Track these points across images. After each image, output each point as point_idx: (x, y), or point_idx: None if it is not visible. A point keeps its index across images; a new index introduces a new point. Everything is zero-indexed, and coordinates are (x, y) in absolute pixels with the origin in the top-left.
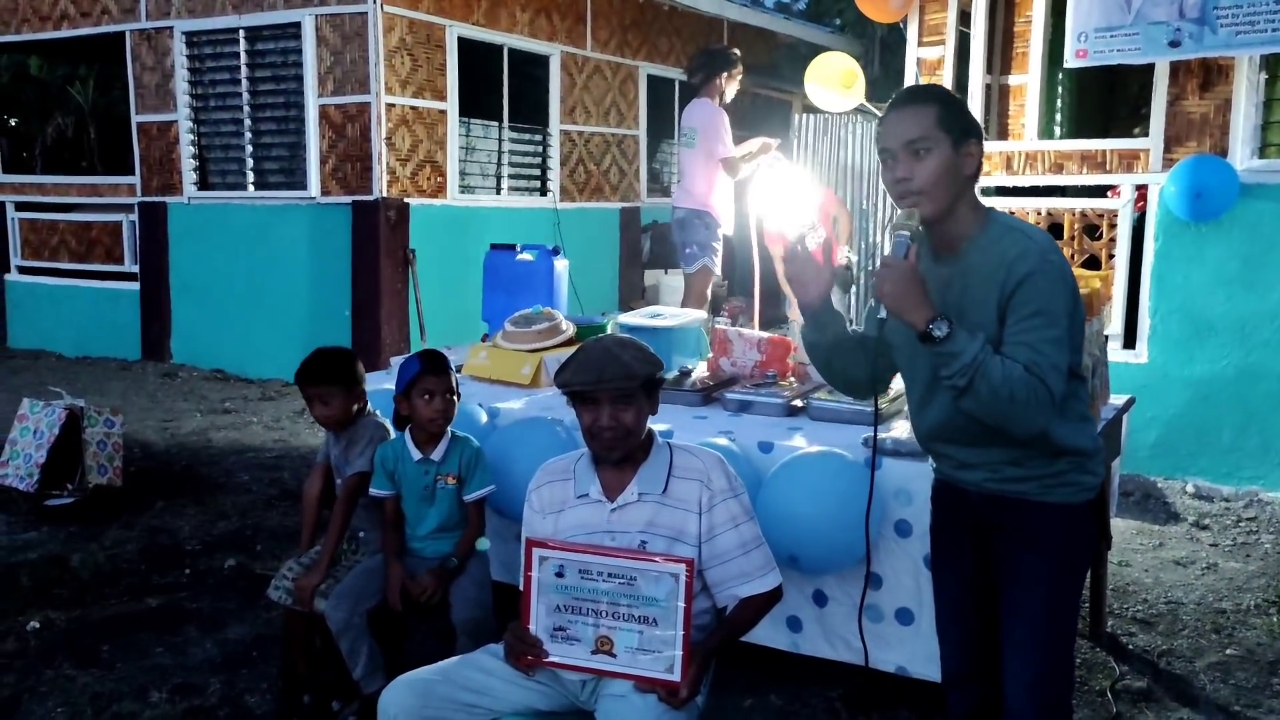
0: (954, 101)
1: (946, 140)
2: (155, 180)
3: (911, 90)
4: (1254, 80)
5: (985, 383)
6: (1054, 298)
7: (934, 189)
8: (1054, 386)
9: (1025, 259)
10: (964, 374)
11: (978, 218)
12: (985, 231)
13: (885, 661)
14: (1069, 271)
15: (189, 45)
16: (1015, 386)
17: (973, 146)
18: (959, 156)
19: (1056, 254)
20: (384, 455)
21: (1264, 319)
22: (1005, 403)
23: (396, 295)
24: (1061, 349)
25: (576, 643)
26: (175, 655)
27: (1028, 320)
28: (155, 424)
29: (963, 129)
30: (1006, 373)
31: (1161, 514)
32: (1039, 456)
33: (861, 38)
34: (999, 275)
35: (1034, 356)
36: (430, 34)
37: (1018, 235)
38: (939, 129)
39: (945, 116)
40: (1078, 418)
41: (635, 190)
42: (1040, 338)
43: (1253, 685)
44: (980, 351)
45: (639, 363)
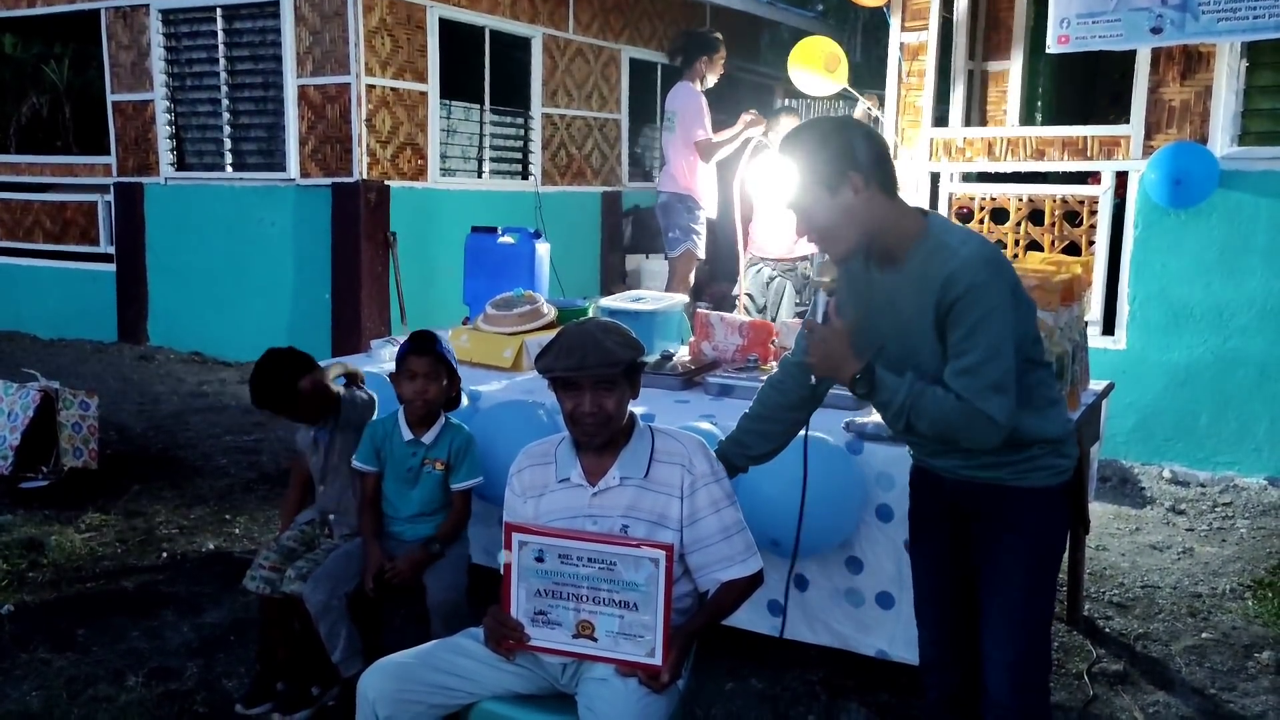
0: (818, 144)
1: (821, 189)
2: (131, 160)
3: (783, 144)
4: (1235, 67)
5: (922, 420)
6: (986, 316)
7: (833, 234)
8: (993, 409)
9: (954, 282)
10: (899, 417)
11: (912, 228)
12: (922, 243)
13: (866, 645)
14: (1007, 276)
15: (165, 24)
16: (952, 419)
17: (851, 179)
18: (840, 198)
19: (988, 266)
20: (374, 430)
21: (1241, 306)
22: (947, 432)
23: (377, 278)
24: (998, 365)
25: (558, 627)
26: (151, 639)
27: (963, 342)
28: (132, 406)
29: (836, 170)
30: (941, 408)
31: (1138, 499)
32: (1011, 446)
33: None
34: (932, 294)
35: (968, 382)
36: (411, 15)
37: (946, 254)
38: (810, 182)
39: (812, 168)
40: (1045, 404)
41: (617, 174)
42: (975, 359)
43: (1228, 668)
44: (908, 395)
45: (621, 348)
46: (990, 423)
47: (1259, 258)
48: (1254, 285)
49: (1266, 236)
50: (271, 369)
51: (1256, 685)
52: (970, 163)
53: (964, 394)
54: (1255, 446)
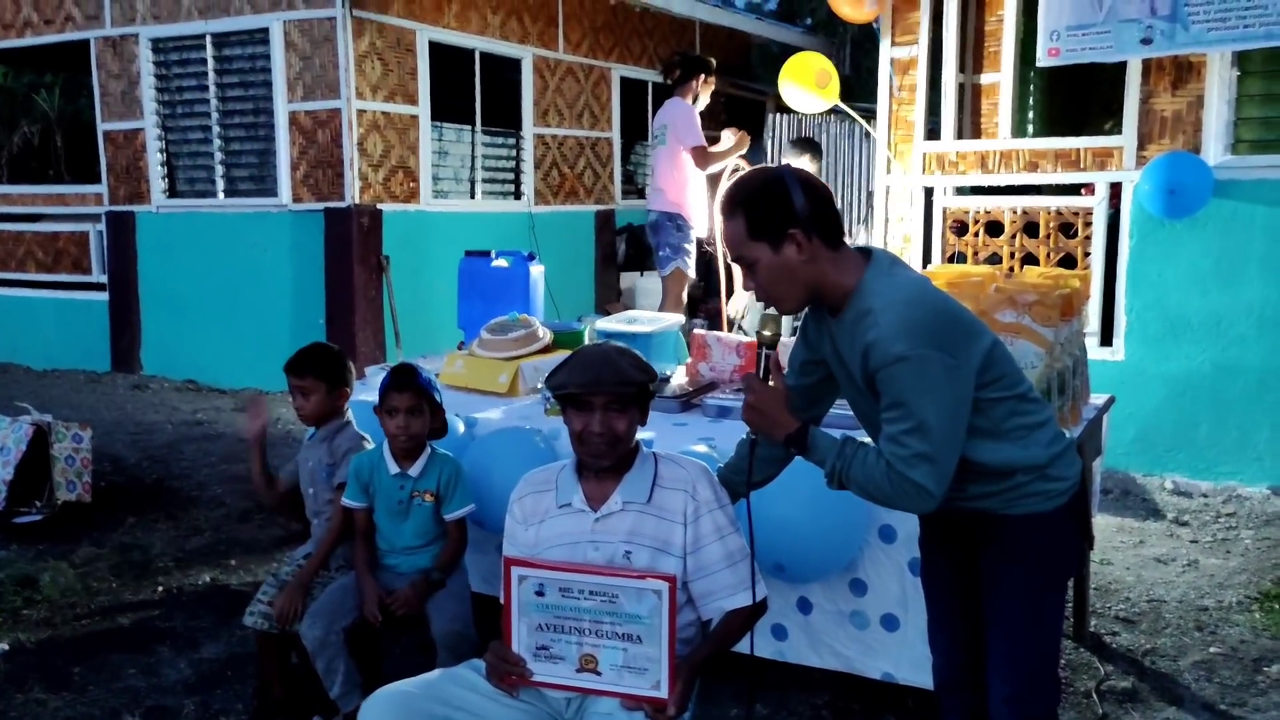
0: (757, 201)
1: (764, 247)
2: (123, 189)
3: (724, 200)
4: (1226, 77)
5: (853, 484)
6: (906, 389)
7: (778, 292)
8: (919, 477)
9: (873, 351)
10: (832, 478)
11: (849, 282)
12: (855, 301)
13: (871, 668)
14: (928, 338)
15: (155, 52)
16: (880, 485)
17: (794, 237)
18: (783, 255)
19: (904, 338)
20: (359, 466)
21: (1239, 315)
22: (878, 497)
23: (371, 303)
24: (924, 436)
25: (560, 661)
26: (148, 676)
27: (889, 410)
28: (125, 437)
29: (776, 226)
30: (869, 474)
31: (1141, 510)
32: (992, 476)
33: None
34: (858, 359)
35: (895, 450)
36: (400, 38)
37: (868, 321)
38: (752, 240)
39: (753, 226)
40: (1023, 432)
41: (610, 193)
42: (899, 430)
43: (1237, 683)
44: (837, 460)
45: (635, 370)
46: (920, 491)
47: (1255, 266)
48: (1251, 294)
49: (1262, 245)
50: (323, 345)
51: (1267, 700)
52: (964, 176)
53: (893, 462)
54: (1256, 456)
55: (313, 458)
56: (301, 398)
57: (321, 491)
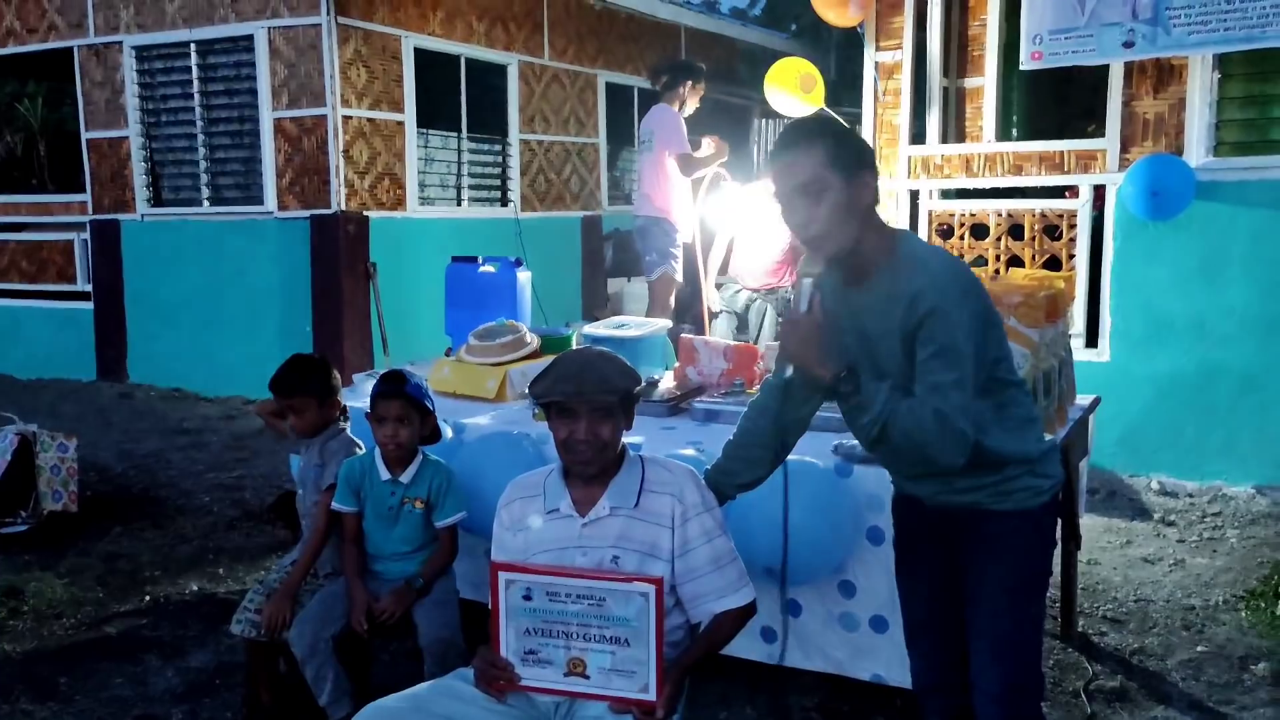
0: (842, 134)
1: (839, 178)
2: (107, 198)
3: (798, 128)
4: (1207, 79)
5: (897, 430)
6: (954, 335)
7: (834, 229)
8: (966, 427)
9: (924, 296)
10: (874, 424)
11: (885, 244)
12: (891, 260)
13: (861, 669)
14: (975, 295)
15: (139, 60)
16: (926, 431)
17: (866, 177)
18: (853, 191)
19: (957, 284)
20: (350, 470)
21: (1222, 315)
22: (919, 446)
23: (358, 310)
24: (964, 389)
25: (548, 665)
26: (136, 686)
27: (932, 360)
28: (112, 446)
29: (855, 162)
30: (917, 418)
31: (1128, 511)
32: (985, 467)
33: (817, 42)
34: (901, 310)
35: (941, 400)
36: (386, 45)
37: (918, 268)
38: (829, 169)
39: (834, 154)
40: (1019, 423)
41: (596, 199)
42: (943, 380)
43: (1224, 681)
44: (888, 402)
45: (619, 376)
46: (962, 438)
47: (1238, 267)
48: (1234, 295)
49: (1244, 246)
50: (306, 357)
51: (1254, 698)
52: (949, 179)
53: (941, 408)
54: (1241, 456)
55: (305, 458)
56: (295, 416)
57: (310, 492)
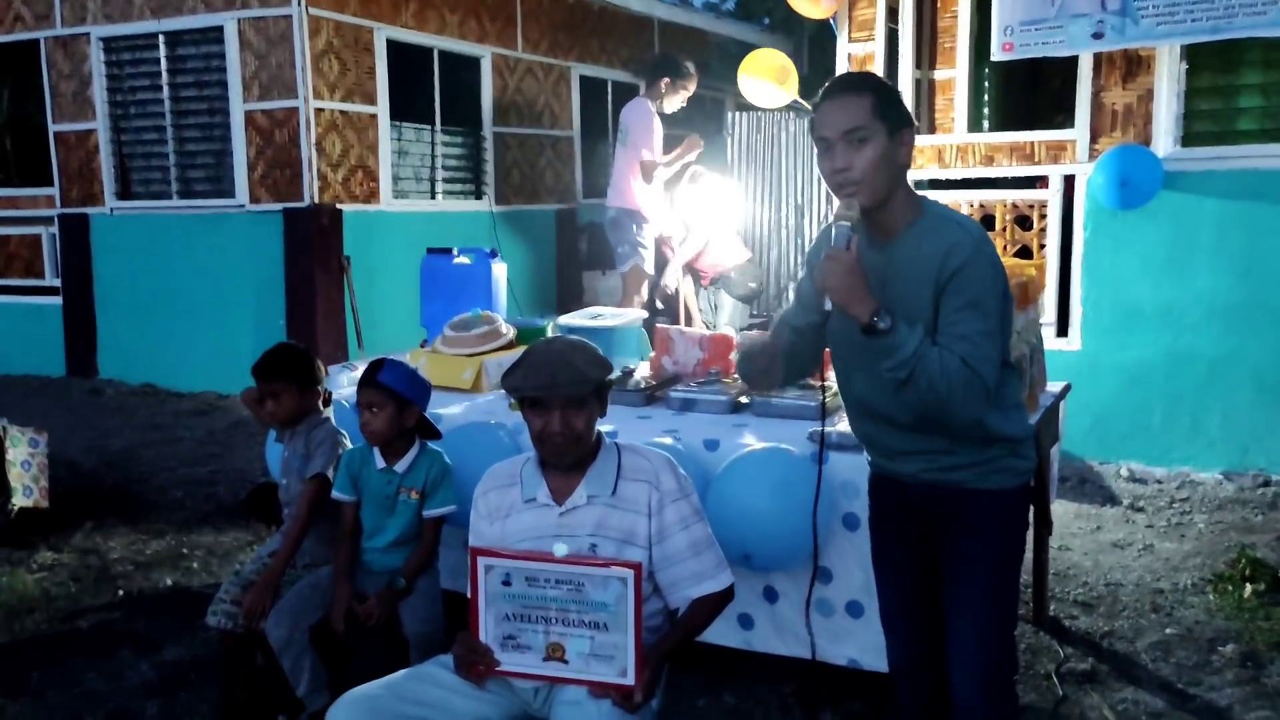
0: (889, 90)
1: (883, 129)
2: (75, 191)
3: (847, 78)
4: (1175, 70)
5: (925, 375)
6: (987, 290)
7: (872, 178)
8: (989, 378)
9: (959, 250)
10: (904, 366)
11: (912, 205)
12: (920, 219)
13: (837, 655)
14: (1000, 263)
15: (107, 51)
16: (953, 378)
17: (906, 135)
18: (895, 145)
19: (989, 245)
20: (350, 458)
21: (1190, 304)
22: (944, 393)
23: (332, 303)
24: (994, 342)
25: (528, 650)
26: (109, 680)
27: (962, 312)
28: (82, 442)
29: (898, 118)
30: (944, 365)
31: (1098, 497)
32: (973, 444)
33: (791, 35)
34: (934, 265)
35: (969, 349)
36: (358, 37)
37: (952, 225)
38: (876, 118)
39: (881, 105)
40: (1011, 405)
41: (571, 191)
42: (974, 330)
43: (1193, 663)
44: (920, 345)
45: (590, 366)
46: (984, 390)
47: (1205, 256)
48: (1201, 283)
49: (1211, 235)
50: (289, 345)
51: (1222, 678)
52: (921, 170)
53: (968, 358)
54: (1209, 442)
55: (289, 449)
56: (273, 401)
57: (294, 483)
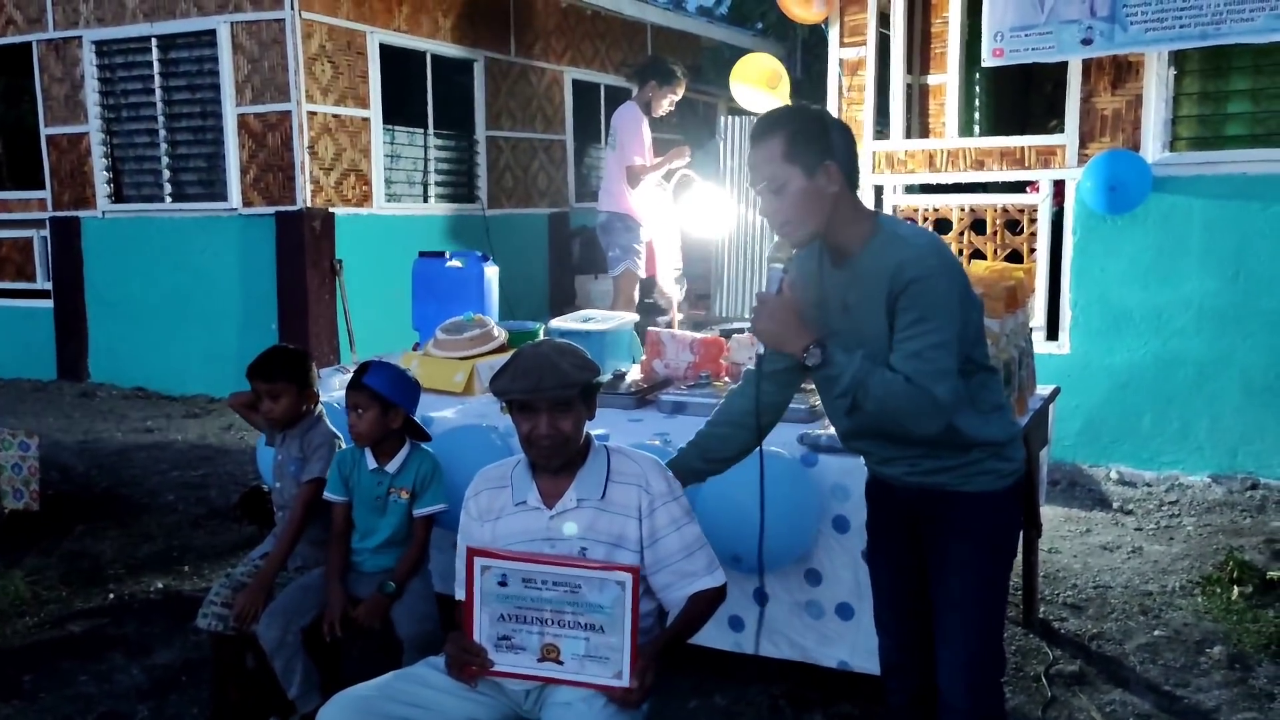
0: (800, 129)
1: (797, 171)
2: (67, 194)
3: (760, 124)
4: (1163, 76)
5: (869, 399)
6: (935, 303)
7: (799, 219)
8: (939, 392)
9: (906, 267)
10: (846, 394)
11: (864, 225)
12: (873, 238)
13: (827, 657)
14: (956, 270)
15: (99, 55)
16: (899, 399)
17: (828, 168)
18: (815, 182)
19: (938, 257)
20: (342, 459)
21: (1179, 308)
22: (892, 414)
23: (324, 307)
24: (946, 352)
25: (522, 651)
26: (101, 683)
27: (911, 327)
28: (73, 445)
29: (815, 153)
30: (888, 387)
31: (1088, 500)
32: (952, 449)
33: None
34: (884, 282)
35: (917, 365)
36: (351, 41)
37: (900, 243)
38: (787, 163)
39: (791, 148)
40: (990, 408)
41: (563, 195)
42: (923, 344)
43: (1181, 665)
44: (857, 372)
45: (577, 369)
46: (935, 405)
47: (1193, 260)
48: (1189, 287)
49: (1199, 239)
50: (285, 346)
51: (1209, 680)
52: (912, 175)
53: (913, 377)
54: (1197, 445)
55: (282, 451)
56: (271, 401)
57: (288, 486)
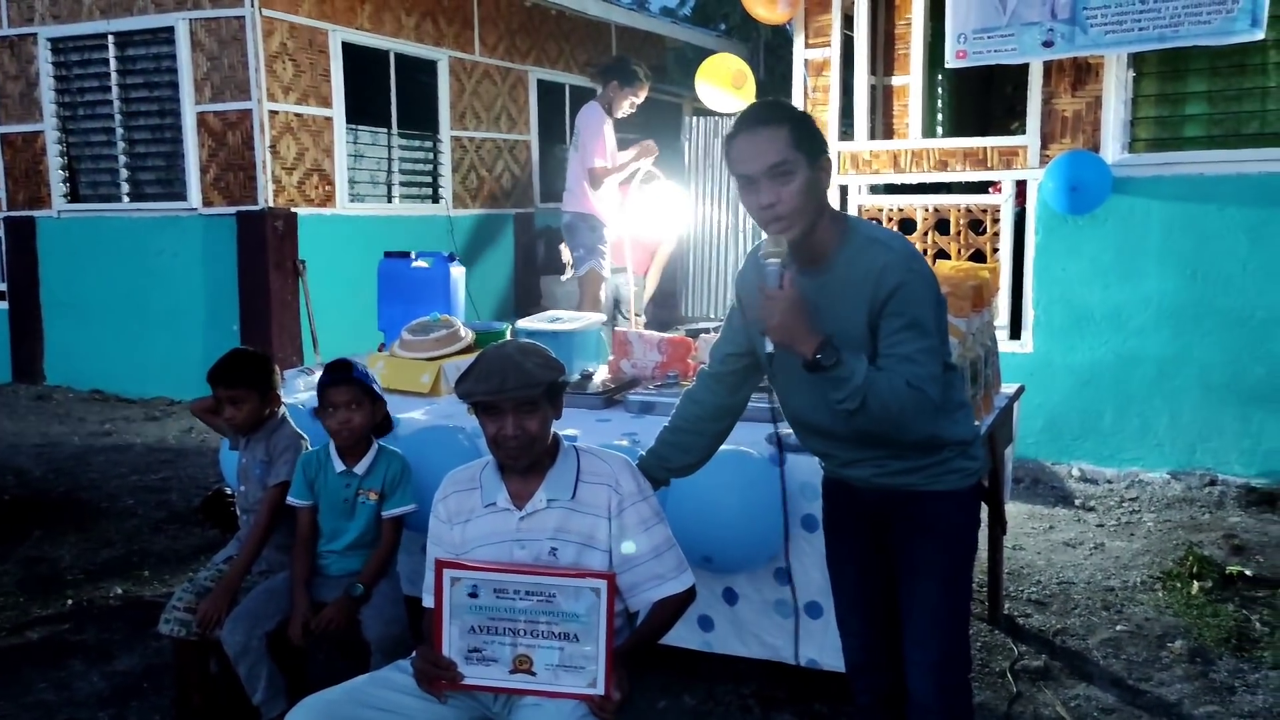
0: (804, 119)
1: (804, 159)
2: (21, 194)
3: (762, 109)
4: (1122, 78)
5: (876, 400)
6: (923, 308)
7: (800, 210)
8: (934, 395)
9: (891, 271)
10: (855, 396)
11: (839, 228)
12: (848, 242)
13: (796, 655)
14: (931, 275)
15: (54, 52)
16: (903, 401)
17: (824, 162)
18: (816, 174)
19: (918, 261)
20: (307, 462)
21: (1138, 307)
22: (895, 415)
23: (287, 307)
24: (935, 358)
25: (493, 663)
26: (60, 690)
27: (902, 333)
28: (30, 449)
29: (815, 146)
30: (892, 388)
31: (1051, 497)
32: (921, 449)
33: (747, 41)
34: (867, 288)
35: (913, 370)
36: (313, 39)
37: (880, 247)
38: (796, 150)
39: (799, 136)
40: (955, 407)
41: (529, 196)
42: (916, 349)
43: (1143, 659)
44: (868, 372)
45: (541, 369)
46: (931, 407)
47: (1152, 260)
48: (1149, 286)
49: (1158, 239)
50: (245, 350)
51: (1171, 674)
52: (877, 175)
53: (911, 380)
54: (1157, 442)
55: (246, 455)
56: (233, 407)
57: (253, 489)
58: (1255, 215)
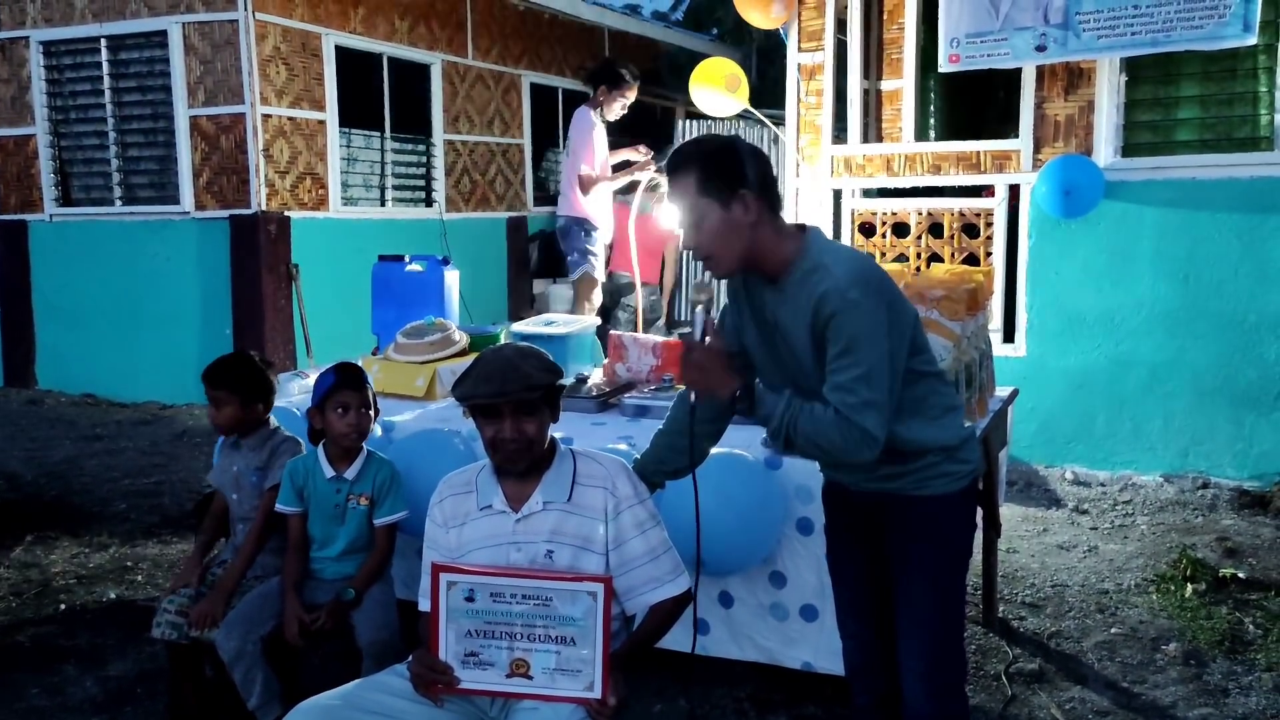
0: (714, 156)
1: (713, 204)
2: (13, 198)
3: (673, 157)
4: (1115, 82)
5: (799, 436)
6: (857, 334)
7: (720, 251)
8: (869, 424)
9: (827, 301)
10: (778, 434)
11: (791, 248)
12: (798, 264)
13: (791, 658)
14: (880, 293)
15: (47, 55)
16: (829, 434)
17: (744, 198)
18: (731, 213)
19: (859, 287)
20: (294, 469)
21: (1131, 310)
22: (824, 448)
23: (280, 311)
24: (871, 383)
25: (490, 667)
26: (53, 696)
27: (838, 361)
28: (21, 453)
29: (727, 184)
30: (816, 424)
31: (1044, 500)
32: (906, 456)
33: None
34: (808, 314)
35: (844, 399)
36: (306, 42)
37: (821, 274)
38: (702, 196)
39: (703, 182)
40: (939, 412)
41: (522, 199)
42: (849, 378)
43: (1138, 661)
44: (785, 411)
45: (540, 372)
46: (865, 437)
47: (1145, 264)
48: (1141, 290)
49: (1151, 243)
50: (241, 355)
51: (1165, 676)
52: (870, 179)
53: (841, 409)
54: (1150, 445)
55: (239, 462)
56: (214, 407)
57: (248, 496)
58: (1247, 219)
